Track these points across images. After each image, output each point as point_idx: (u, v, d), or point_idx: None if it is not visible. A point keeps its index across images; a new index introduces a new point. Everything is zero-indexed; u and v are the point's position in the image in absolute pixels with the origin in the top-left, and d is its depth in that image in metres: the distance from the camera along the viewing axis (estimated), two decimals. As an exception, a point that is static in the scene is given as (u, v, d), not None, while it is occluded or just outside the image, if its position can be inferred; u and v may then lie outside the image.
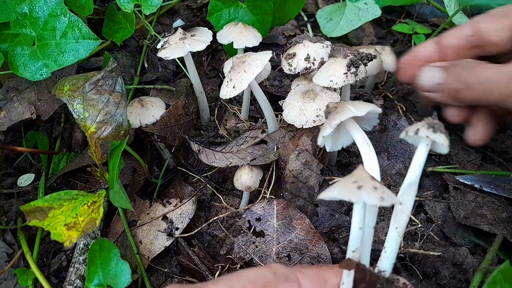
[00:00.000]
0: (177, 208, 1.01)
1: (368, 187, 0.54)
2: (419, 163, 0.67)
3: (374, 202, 0.53)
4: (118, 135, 0.96)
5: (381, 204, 0.53)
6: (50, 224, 0.86)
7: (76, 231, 0.85)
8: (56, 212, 0.89)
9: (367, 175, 0.57)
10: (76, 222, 0.86)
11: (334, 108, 0.70)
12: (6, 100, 1.04)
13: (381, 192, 0.53)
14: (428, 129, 0.64)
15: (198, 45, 1.01)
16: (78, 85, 0.95)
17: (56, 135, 1.17)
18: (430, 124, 0.65)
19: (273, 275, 0.62)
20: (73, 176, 1.09)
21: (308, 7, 1.61)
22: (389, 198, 0.53)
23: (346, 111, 0.66)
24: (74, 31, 0.98)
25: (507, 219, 0.98)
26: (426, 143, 0.66)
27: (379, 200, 0.53)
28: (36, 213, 0.88)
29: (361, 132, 0.69)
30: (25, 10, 0.98)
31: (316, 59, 0.97)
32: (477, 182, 1.04)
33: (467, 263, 0.89)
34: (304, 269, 0.67)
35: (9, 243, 0.98)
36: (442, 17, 1.56)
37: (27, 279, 0.86)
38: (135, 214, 1.02)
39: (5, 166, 1.11)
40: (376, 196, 0.53)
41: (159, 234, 0.98)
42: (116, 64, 0.98)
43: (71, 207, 0.90)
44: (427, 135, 0.64)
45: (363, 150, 0.68)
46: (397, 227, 0.66)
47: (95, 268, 0.86)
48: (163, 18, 1.49)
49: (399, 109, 1.27)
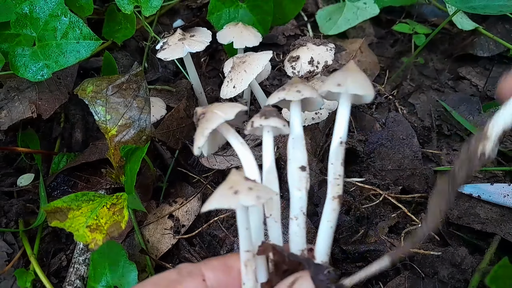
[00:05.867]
0: (183, 206, 1.02)
1: (243, 190, 0.55)
2: (268, 150, 0.67)
3: (252, 203, 0.54)
4: (139, 140, 0.96)
5: (259, 203, 0.54)
6: (72, 226, 0.87)
7: (100, 234, 0.87)
8: (76, 213, 0.90)
9: (241, 177, 0.58)
10: (98, 224, 0.88)
11: (202, 115, 0.68)
12: (7, 100, 1.04)
13: (256, 191, 0.55)
14: (261, 118, 0.65)
15: (198, 46, 1.01)
16: (101, 87, 0.95)
17: (56, 135, 1.18)
18: (262, 113, 0.66)
19: (177, 274, 0.64)
20: (74, 175, 1.09)
21: (308, 7, 1.61)
22: (264, 194, 0.55)
23: (215, 118, 0.66)
24: (74, 31, 0.98)
25: (500, 218, 0.98)
26: (267, 130, 0.67)
27: (256, 200, 0.54)
28: (56, 214, 0.89)
29: (233, 133, 0.69)
30: (25, 11, 0.98)
31: (320, 63, 0.96)
32: (474, 191, 1.03)
33: (466, 263, 0.89)
34: (209, 261, 0.68)
35: (9, 243, 0.98)
36: (442, 17, 1.56)
37: (26, 281, 0.87)
38: (141, 215, 1.03)
39: (5, 166, 1.11)
40: (253, 196, 0.54)
41: (165, 233, 0.99)
42: (140, 68, 0.98)
43: (90, 208, 0.91)
44: (261, 124, 0.65)
45: (238, 150, 0.68)
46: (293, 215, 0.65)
47: (103, 269, 0.86)
48: (163, 18, 1.49)
49: (399, 110, 1.28)
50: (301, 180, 0.66)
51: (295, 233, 0.65)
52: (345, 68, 0.65)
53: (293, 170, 0.67)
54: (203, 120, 0.67)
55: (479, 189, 1.04)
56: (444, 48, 1.51)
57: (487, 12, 1.09)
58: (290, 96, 0.67)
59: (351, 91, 0.62)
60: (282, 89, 0.69)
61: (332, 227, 0.64)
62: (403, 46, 1.51)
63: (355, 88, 0.62)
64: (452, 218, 1.00)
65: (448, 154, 1.16)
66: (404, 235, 0.99)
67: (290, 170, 0.67)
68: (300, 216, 0.65)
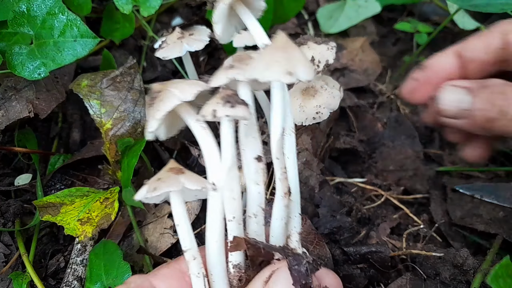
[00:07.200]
0: (183, 204, 1.01)
1: (149, 185, 0.56)
2: (229, 142, 0.59)
3: (150, 198, 0.56)
4: (135, 133, 0.96)
5: (154, 195, 0.55)
6: (63, 219, 0.87)
7: (90, 226, 0.87)
8: (68, 208, 0.90)
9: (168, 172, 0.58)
10: (89, 217, 0.88)
11: (157, 93, 0.60)
12: (4, 99, 1.03)
13: (154, 186, 0.56)
14: (225, 106, 0.56)
15: (197, 44, 1.00)
16: (96, 81, 0.95)
17: (54, 135, 1.17)
18: (224, 99, 0.57)
19: None
20: (71, 175, 1.08)
21: (309, 5, 1.60)
22: (161, 187, 0.56)
23: (170, 98, 0.58)
24: (72, 29, 0.97)
25: (503, 219, 0.97)
26: (227, 119, 0.58)
27: (151, 192, 0.55)
28: (48, 208, 0.90)
29: (193, 116, 0.61)
30: (22, 9, 0.97)
31: (321, 61, 0.93)
32: (477, 192, 1.02)
33: (468, 265, 0.88)
34: (159, 270, 0.66)
35: (7, 244, 0.97)
36: (444, 16, 1.55)
37: (22, 283, 0.86)
38: (139, 214, 1.02)
39: (3, 166, 1.10)
40: (149, 190, 0.56)
41: (165, 232, 0.98)
42: (135, 61, 0.97)
43: (83, 203, 0.91)
44: (227, 115, 0.56)
45: (199, 137, 0.61)
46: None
47: (99, 270, 0.86)
48: (162, 17, 1.47)
49: (401, 110, 1.27)
50: (258, 172, 0.61)
51: (255, 232, 0.61)
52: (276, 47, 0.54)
53: (248, 161, 0.61)
54: (157, 99, 0.60)
55: (481, 190, 1.03)
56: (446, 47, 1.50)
57: (489, 10, 1.08)
58: (242, 75, 0.59)
59: (294, 78, 0.52)
60: (230, 67, 0.61)
61: (286, 223, 0.61)
62: (405, 45, 1.50)
63: (301, 74, 0.52)
64: (455, 219, 0.99)
65: (451, 155, 1.15)
66: (406, 236, 0.98)
67: (245, 161, 0.62)
68: (259, 213, 0.61)
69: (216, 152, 0.60)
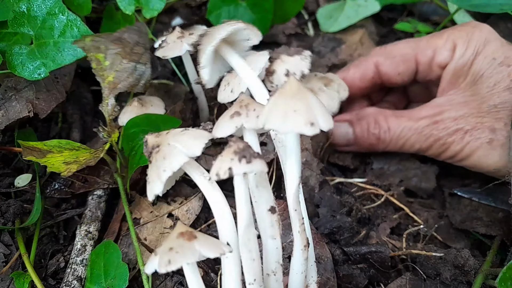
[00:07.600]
0: (183, 205, 1.01)
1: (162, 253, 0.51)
2: (243, 200, 0.54)
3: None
4: (137, 85, 0.96)
5: (169, 269, 0.50)
6: (48, 161, 0.87)
7: (76, 164, 0.87)
8: (55, 155, 0.90)
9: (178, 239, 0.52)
10: (76, 160, 0.88)
11: (156, 148, 0.54)
12: (4, 99, 1.04)
13: (167, 258, 0.51)
14: (241, 162, 0.50)
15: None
16: (100, 37, 0.95)
17: (54, 135, 1.17)
18: (239, 154, 0.51)
19: None
20: (71, 175, 1.08)
21: (309, 5, 1.60)
22: (177, 260, 0.51)
23: (176, 156, 0.51)
24: (72, 29, 0.97)
25: (503, 219, 0.97)
26: (241, 176, 0.53)
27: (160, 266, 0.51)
28: (33, 151, 0.89)
29: (198, 169, 0.56)
30: (23, 9, 0.97)
31: (296, 73, 0.91)
32: (475, 195, 1.02)
33: (469, 265, 0.88)
34: None
35: (7, 244, 0.97)
36: (444, 15, 1.55)
37: (23, 283, 0.86)
38: (137, 213, 1.02)
39: (3, 166, 1.10)
40: (162, 264, 0.51)
41: (165, 231, 0.98)
42: (145, 24, 0.98)
43: (73, 154, 0.91)
44: (244, 172, 0.51)
45: (206, 192, 0.57)
46: None
47: (99, 270, 0.86)
48: (162, 17, 1.47)
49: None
50: (274, 225, 0.57)
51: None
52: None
53: (263, 215, 0.58)
54: (159, 156, 0.53)
55: (478, 193, 1.03)
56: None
57: (488, 10, 1.08)
58: (251, 123, 0.55)
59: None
60: (235, 114, 0.57)
61: (306, 276, 0.58)
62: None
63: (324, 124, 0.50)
64: (455, 223, 0.99)
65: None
66: (406, 236, 0.98)
67: (260, 215, 0.58)
68: (278, 270, 0.58)
69: (228, 210, 0.56)
